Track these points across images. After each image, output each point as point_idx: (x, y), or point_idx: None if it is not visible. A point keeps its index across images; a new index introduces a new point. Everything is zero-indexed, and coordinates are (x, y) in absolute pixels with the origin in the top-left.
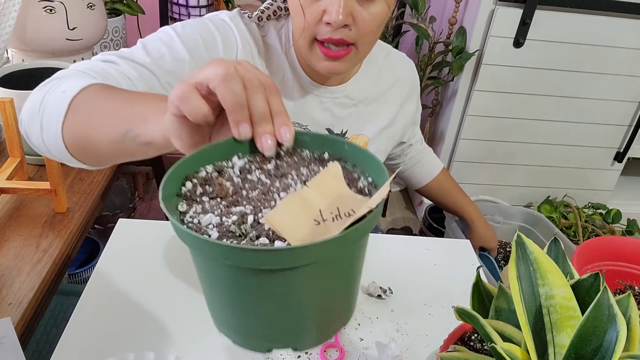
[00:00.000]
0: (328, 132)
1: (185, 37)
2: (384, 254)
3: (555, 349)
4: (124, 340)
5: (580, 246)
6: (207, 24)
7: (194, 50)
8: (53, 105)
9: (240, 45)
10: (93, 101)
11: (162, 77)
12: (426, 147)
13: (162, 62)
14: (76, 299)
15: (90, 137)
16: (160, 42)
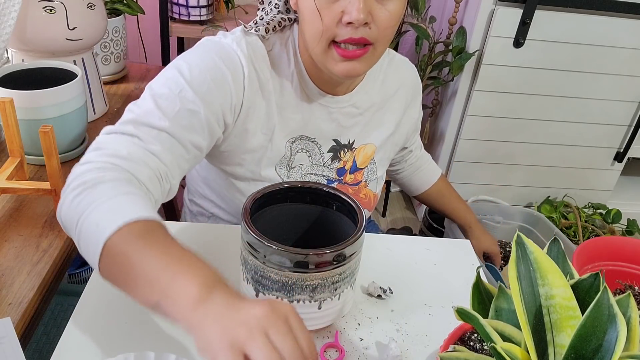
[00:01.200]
0: (335, 142)
1: (195, 84)
2: (384, 254)
3: (555, 349)
4: (124, 340)
5: (580, 246)
6: (214, 60)
7: (206, 96)
8: (87, 238)
9: (246, 73)
10: (126, 254)
11: (181, 137)
12: (425, 153)
13: (179, 119)
14: (76, 299)
15: (123, 289)
16: (172, 95)
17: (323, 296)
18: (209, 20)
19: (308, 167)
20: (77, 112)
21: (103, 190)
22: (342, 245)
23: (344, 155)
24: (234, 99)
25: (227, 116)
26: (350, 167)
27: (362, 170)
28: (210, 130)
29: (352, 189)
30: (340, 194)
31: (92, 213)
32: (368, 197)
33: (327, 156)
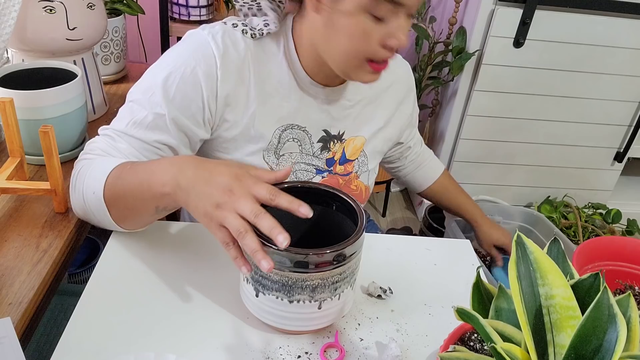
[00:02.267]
0: (325, 133)
1: (165, 86)
2: (384, 254)
3: (555, 349)
4: (124, 340)
5: (580, 246)
6: (185, 58)
7: (176, 97)
8: (95, 206)
9: (219, 64)
10: (117, 192)
11: (145, 137)
12: (426, 149)
13: (145, 122)
14: (76, 299)
15: (135, 219)
16: (144, 100)
17: (323, 296)
18: (209, 20)
19: (298, 155)
20: (77, 112)
21: (82, 174)
22: (342, 245)
23: (334, 146)
24: (206, 92)
25: (205, 109)
26: (339, 158)
27: (353, 162)
28: (181, 128)
29: (342, 179)
30: (340, 194)
31: (88, 187)
32: (359, 188)
33: (317, 146)
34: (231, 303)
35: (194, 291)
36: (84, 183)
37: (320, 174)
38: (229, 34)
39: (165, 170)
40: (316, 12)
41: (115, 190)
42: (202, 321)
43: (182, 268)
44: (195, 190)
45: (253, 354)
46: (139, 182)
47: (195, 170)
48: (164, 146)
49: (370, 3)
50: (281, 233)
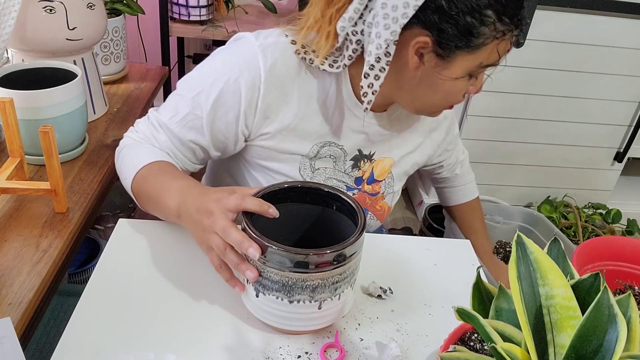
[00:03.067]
0: (358, 152)
1: (210, 90)
2: (384, 254)
3: (555, 349)
4: (124, 340)
5: (580, 246)
6: (232, 66)
7: (218, 101)
8: (125, 186)
9: (263, 77)
10: (141, 191)
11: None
12: (467, 173)
13: (185, 120)
14: (76, 299)
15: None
16: (188, 98)
17: (323, 296)
18: (209, 20)
19: (331, 171)
20: (77, 112)
21: (124, 155)
22: (343, 245)
23: (363, 165)
24: (245, 102)
25: (241, 119)
26: (367, 177)
27: (380, 183)
28: (215, 133)
29: (370, 199)
30: (340, 194)
31: (121, 170)
32: (383, 209)
33: (349, 164)
34: (231, 303)
35: (194, 291)
36: (122, 164)
37: (350, 191)
38: (281, 48)
39: (173, 196)
40: (412, 69)
41: (140, 189)
42: (202, 321)
43: (182, 268)
44: (191, 221)
45: (253, 354)
46: (156, 195)
47: (193, 202)
48: (196, 146)
49: (475, 68)
50: (251, 246)
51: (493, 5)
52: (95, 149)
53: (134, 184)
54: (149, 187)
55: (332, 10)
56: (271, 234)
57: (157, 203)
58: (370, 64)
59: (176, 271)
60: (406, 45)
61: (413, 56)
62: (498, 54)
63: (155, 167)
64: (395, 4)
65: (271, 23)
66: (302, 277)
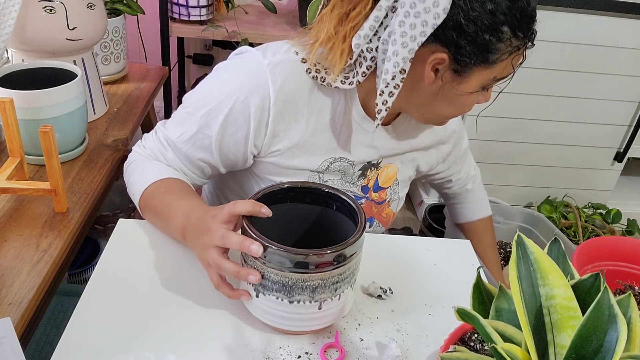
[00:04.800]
0: (367, 162)
1: (219, 108)
2: (384, 254)
3: (555, 349)
4: (124, 340)
5: (580, 246)
6: (241, 85)
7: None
8: (134, 201)
9: (273, 99)
10: (148, 208)
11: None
12: (478, 190)
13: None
14: (76, 299)
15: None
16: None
17: (323, 296)
18: (209, 20)
19: (338, 182)
20: (77, 112)
21: (131, 170)
22: (343, 245)
23: (370, 173)
24: (255, 122)
25: (250, 138)
26: (372, 185)
27: (386, 190)
28: (223, 152)
29: (376, 207)
30: (340, 194)
31: (130, 185)
32: (388, 216)
33: (357, 174)
34: (231, 303)
35: (194, 291)
36: (130, 179)
37: (358, 200)
38: (290, 65)
39: (178, 218)
40: (427, 84)
41: (147, 206)
42: (202, 321)
43: (182, 268)
44: (193, 241)
45: (253, 354)
46: (162, 215)
47: (196, 223)
48: (205, 164)
49: (490, 82)
50: (252, 243)
51: (509, 22)
52: (95, 149)
53: (142, 200)
54: (156, 205)
55: (346, 28)
56: (271, 234)
57: (164, 221)
58: (387, 82)
59: (176, 271)
60: (422, 61)
61: (429, 72)
62: (512, 67)
63: (163, 185)
64: (413, 22)
65: (271, 23)
66: (302, 278)
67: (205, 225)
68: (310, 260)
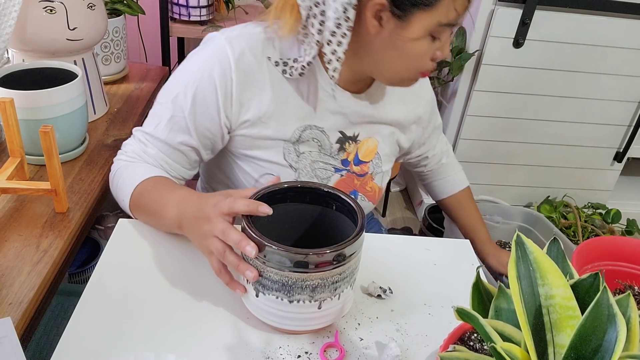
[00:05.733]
0: (341, 134)
1: (185, 90)
2: (384, 254)
3: (555, 348)
4: (124, 340)
5: (580, 246)
6: (202, 62)
7: (196, 98)
8: (125, 209)
9: (234, 67)
10: (140, 208)
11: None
12: (453, 164)
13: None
14: (76, 299)
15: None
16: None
17: (323, 296)
18: (209, 21)
19: (317, 154)
20: (77, 112)
21: (118, 177)
22: (342, 245)
23: (348, 147)
24: (222, 94)
25: (221, 112)
26: (352, 159)
27: (368, 164)
28: (201, 130)
29: (358, 179)
30: (340, 194)
31: (117, 193)
32: (373, 190)
33: (335, 147)
34: (231, 303)
35: (194, 291)
36: (117, 187)
37: (339, 172)
38: (247, 37)
39: (172, 208)
40: (374, 34)
41: (138, 206)
42: (202, 321)
43: (182, 268)
44: (191, 229)
45: (253, 353)
46: (155, 210)
47: (191, 210)
48: (187, 148)
49: (435, 28)
50: (248, 244)
51: None
52: (96, 149)
53: (132, 202)
54: (147, 203)
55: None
56: (271, 233)
57: (157, 217)
58: (332, 31)
59: (176, 271)
60: (365, 10)
61: (372, 20)
62: (456, 12)
63: (150, 183)
64: None
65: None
66: (302, 277)
67: (204, 213)
68: (310, 260)
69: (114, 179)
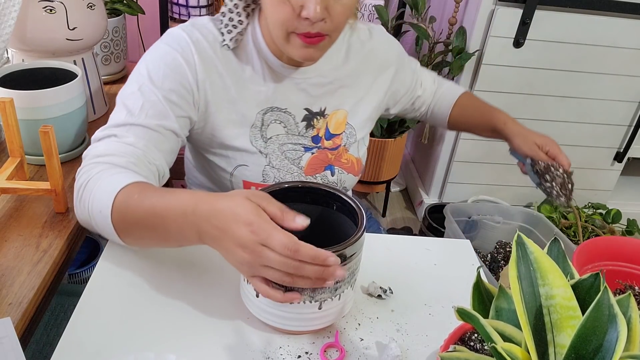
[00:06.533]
0: (307, 111)
1: (151, 75)
2: (384, 254)
3: (555, 349)
4: (124, 340)
5: (580, 246)
6: (164, 48)
7: (164, 82)
8: (102, 225)
9: (194, 50)
10: (128, 224)
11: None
12: (444, 86)
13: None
14: (76, 299)
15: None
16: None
17: (323, 296)
18: None
19: (284, 137)
20: (77, 112)
21: (89, 189)
22: (343, 245)
23: (317, 123)
24: (190, 75)
25: (191, 91)
26: (324, 133)
27: (340, 135)
28: (175, 110)
29: (331, 153)
30: (340, 194)
31: (93, 203)
32: (350, 161)
33: (302, 125)
34: (231, 303)
35: (194, 291)
36: (89, 200)
37: (309, 151)
38: (198, 27)
39: (182, 227)
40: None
41: (126, 221)
42: (202, 321)
43: (182, 268)
44: (222, 251)
45: (253, 354)
46: (153, 227)
47: (211, 230)
48: (167, 131)
49: None
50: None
51: None
52: None
53: (115, 216)
54: (139, 216)
55: None
56: None
57: (160, 236)
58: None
59: (176, 271)
60: None
61: None
62: None
63: (135, 193)
64: None
65: None
66: None
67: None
68: None
69: (85, 191)
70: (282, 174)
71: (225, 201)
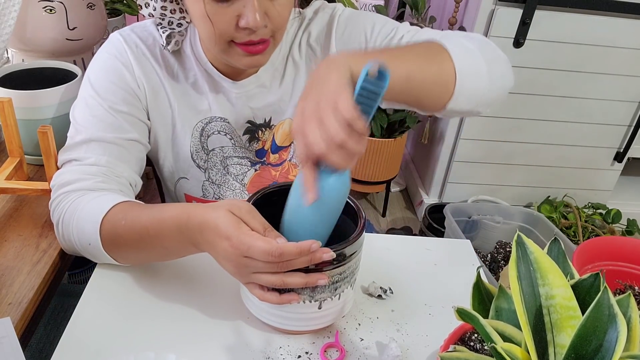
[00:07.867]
0: (250, 124)
1: (96, 87)
2: (384, 254)
3: (555, 349)
4: (124, 340)
5: (580, 246)
6: (105, 58)
7: (108, 93)
8: (98, 255)
9: (132, 58)
10: (121, 247)
11: (105, 137)
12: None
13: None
14: (76, 299)
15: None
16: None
17: (323, 296)
18: None
19: (230, 149)
20: None
21: (69, 216)
22: (343, 245)
23: (263, 135)
24: (130, 78)
25: (137, 96)
26: (270, 146)
27: (288, 148)
28: (129, 119)
29: (275, 170)
30: None
31: (78, 236)
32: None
33: (244, 138)
34: (231, 303)
35: (194, 291)
36: (72, 235)
37: (253, 167)
38: (138, 30)
39: (180, 242)
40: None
41: (120, 249)
42: (202, 321)
43: (182, 268)
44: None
45: (253, 354)
46: (152, 247)
47: (203, 242)
48: (126, 142)
49: None
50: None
51: None
52: None
53: (106, 247)
54: (130, 239)
55: None
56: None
57: (161, 254)
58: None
59: (176, 271)
60: None
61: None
62: None
63: (120, 218)
64: None
65: None
66: None
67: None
68: None
69: (63, 223)
70: (223, 191)
71: (211, 213)
